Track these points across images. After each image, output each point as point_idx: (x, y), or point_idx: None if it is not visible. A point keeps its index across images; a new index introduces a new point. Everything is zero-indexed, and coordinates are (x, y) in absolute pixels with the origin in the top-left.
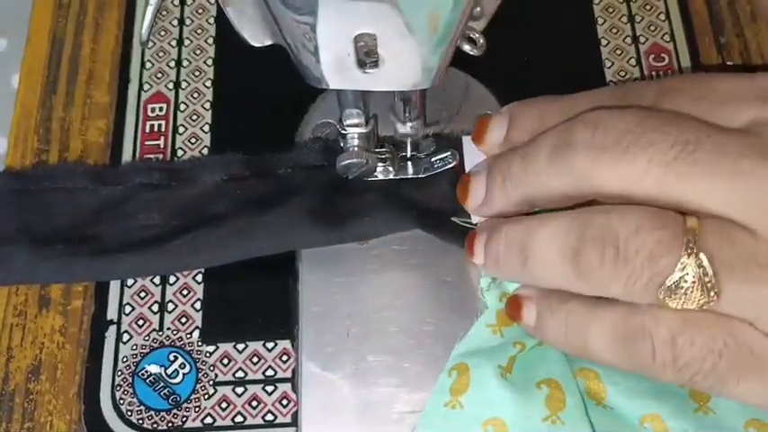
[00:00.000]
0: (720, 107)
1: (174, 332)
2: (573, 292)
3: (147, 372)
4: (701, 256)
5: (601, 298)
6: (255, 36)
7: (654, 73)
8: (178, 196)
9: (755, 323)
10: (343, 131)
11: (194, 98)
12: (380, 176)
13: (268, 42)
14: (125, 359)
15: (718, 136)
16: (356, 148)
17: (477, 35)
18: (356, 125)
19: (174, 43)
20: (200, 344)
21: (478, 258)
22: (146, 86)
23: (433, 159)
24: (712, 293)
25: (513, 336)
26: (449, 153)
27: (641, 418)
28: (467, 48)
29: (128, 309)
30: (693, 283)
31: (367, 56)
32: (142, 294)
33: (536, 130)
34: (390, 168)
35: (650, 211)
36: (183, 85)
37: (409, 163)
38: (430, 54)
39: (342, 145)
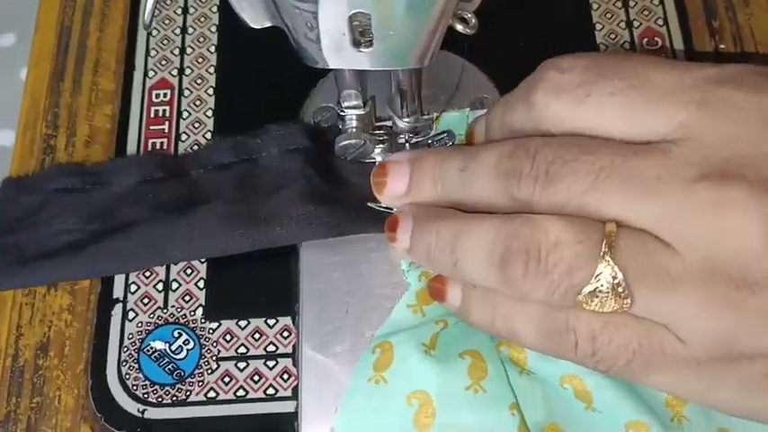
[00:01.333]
0: (655, 105)
1: (179, 310)
2: None
3: (152, 348)
4: (615, 268)
5: None
6: (255, 18)
7: None
8: (93, 200)
9: (669, 327)
10: (341, 113)
11: (198, 84)
12: (378, 158)
13: (267, 24)
14: (131, 336)
15: (633, 160)
16: (354, 130)
17: (468, 15)
18: (354, 107)
19: (177, 31)
20: (203, 321)
21: (402, 243)
22: (150, 73)
23: (429, 141)
24: (626, 301)
25: (435, 314)
26: (445, 134)
27: (561, 379)
28: (459, 27)
29: (133, 288)
30: (608, 291)
31: (362, 35)
32: (147, 274)
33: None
34: (388, 150)
35: (571, 222)
36: (187, 71)
37: (407, 145)
38: (422, 33)
39: (340, 126)
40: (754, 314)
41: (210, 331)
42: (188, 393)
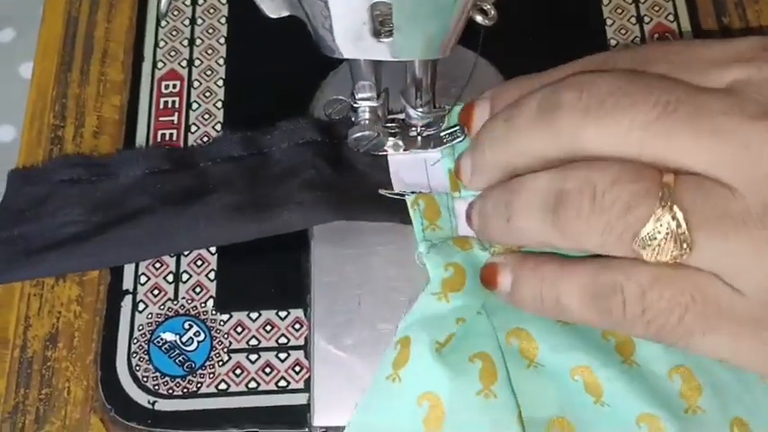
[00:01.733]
0: (703, 74)
1: (189, 301)
2: (547, 257)
3: (162, 339)
4: (675, 208)
5: (574, 259)
6: (273, 7)
7: None
8: (99, 191)
9: (724, 277)
10: (354, 105)
11: (207, 75)
12: (390, 151)
13: (285, 14)
14: (141, 327)
15: (699, 95)
16: (367, 122)
17: (488, 6)
18: (368, 98)
19: (186, 22)
20: (214, 313)
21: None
22: (159, 64)
23: (442, 134)
24: (685, 245)
25: (459, 303)
26: (457, 127)
27: (572, 370)
28: (479, 18)
29: (143, 279)
30: (667, 234)
31: (382, 25)
32: (157, 265)
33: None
34: (400, 143)
35: (629, 165)
36: (197, 62)
37: (419, 138)
38: (443, 24)
39: (353, 118)
40: None
41: (221, 323)
42: (199, 385)
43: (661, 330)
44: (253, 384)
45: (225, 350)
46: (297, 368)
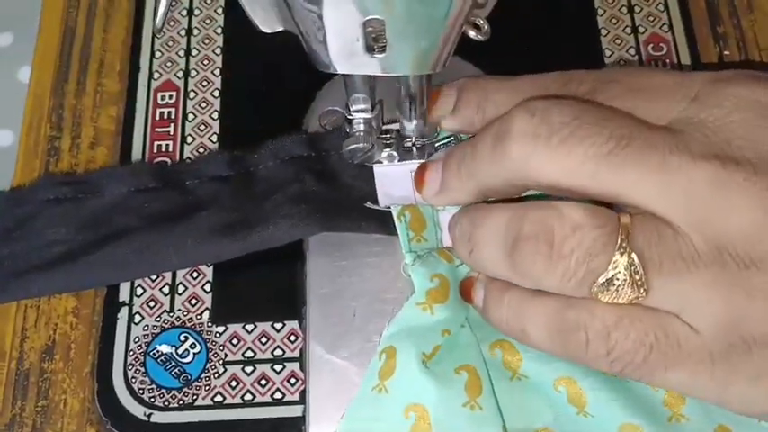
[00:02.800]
0: (653, 102)
1: (185, 313)
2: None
3: (158, 351)
4: (633, 255)
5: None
6: (267, 22)
7: (653, 62)
8: (85, 210)
9: (682, 315)
10: (349, 117)
11: (203, 86)
12: (385, 162)
13: (279, 28)
14: (137, 339)
15: (650, 132)
16: (361, 133)
17: (481, 21)
18: (362, 110)
19: (183, 33)
20: (209, 324)
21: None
22: (155, 75)
23: (436, 144)
24: (642, 289)
25: (444, 315)
26: (452, 138)
27: (555, 381)
28: (472, 33)
29: (139, 291)
30: (625, 279)
31: (375, 41)
32: (153, 277)
33: (480, 103)
34: (395, 154)
35: (588, 208)
36: (192, 73)
37: (414, 148)
38: (435, 39)
39: (348, 130)
40: (761, 293)
41: (217, 335)
42: (195, 397)
43: (626, 368)
44: (248, 396)
45: (220, 362)
46: (292, 380)
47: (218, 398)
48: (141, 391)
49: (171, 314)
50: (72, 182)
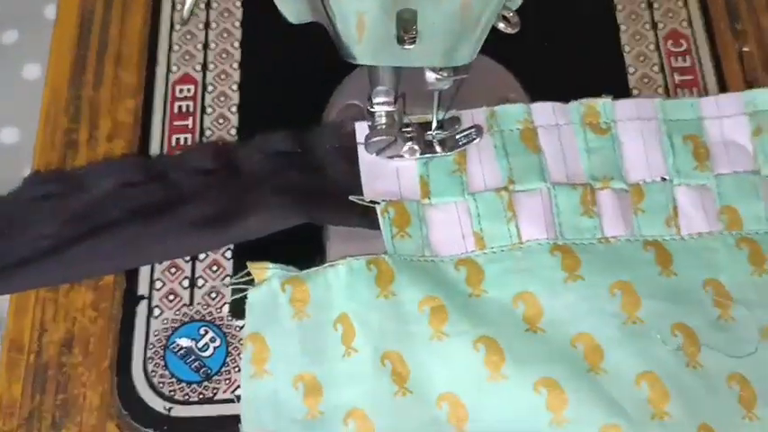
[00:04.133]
0: None
1: (205, 307)
2: None
3: (178, 345)
4: None
5: None
6: (296, 13)
7: (673, 57)
8: (72, 205)
9: None
10: (371, 109)
11: (222, 80)
12: (407, 156)
13: (308, 20)
14: (156, 333)
15: None
16: (384, 126)
17: (511, 14)
18: (385, 103)
19: (201, 26)
20: (230, 318)
21: None
22: (174, 68)
23: (457, 137)
24: None
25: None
26: (472, 129)
27: (535, 383)
28: (501, 26)
29: (158, 284)
30: None
31: (405, 32)
32: (172, 270)
33: None
34: (416, 147)
35: None
36: (211, 67)
37: (435, 142)
38: (467, 31)
39: (369, 123)
40: None
41: (237, 329)
42: (215, 391)
43: None
44: None
45: (240, 356)
46: None
47: (239, 392)
48: (161, 385)
49: (190, 308)
50: (59, 179)
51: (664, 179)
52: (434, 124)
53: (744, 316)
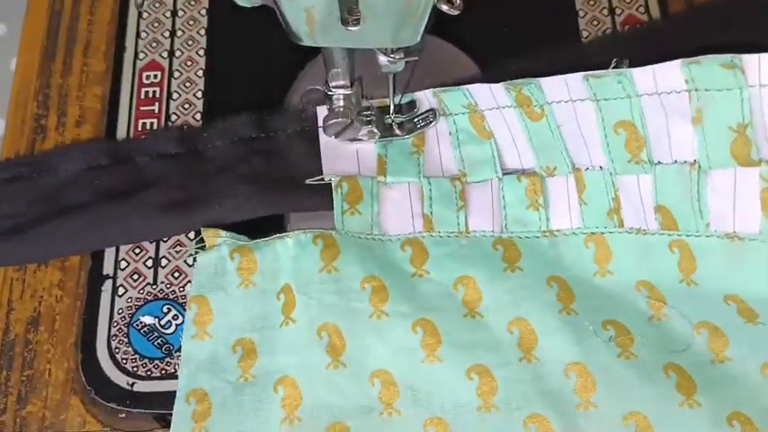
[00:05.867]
0: None
1: (168, 286)
2: None
3: (141, 323)
4: None
5: None
6: None
7: None
8: (38, 187)
9: None
10: (329, 92)
11: (188, 66)
12: (365, 139)
13: (257, 3)
14: (120, 311)
15: None
16: (341, 109)
17: None
18: (341, 86)
19: (168, 14)
20: None
21: None
22: (141, 55)
23: (415, 120)
24: None
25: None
26: (430, 112)
27: (468, 369)
28: (444, 8)
29: (123, 264)
30: None
31: (349, 14)
32: (137, 251)
33: None
34: (375, 130)
35: None
36: (177, 53)
37: (393, 125)
38: (408, 13)
39: (328, 106)
40: None
41: None
42: (177, 367)
43: None
44: None
45: None
46: None
47: None
48: (125, 361)
49: (154, 286)
50: (26, 162)
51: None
52: (392, 108)
53: (676, 315)
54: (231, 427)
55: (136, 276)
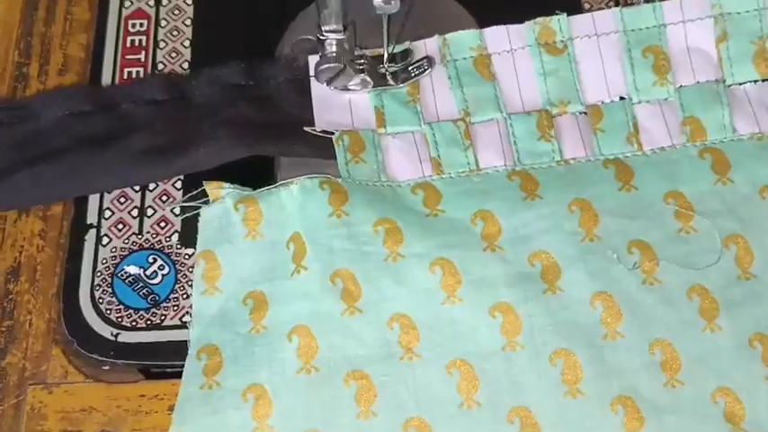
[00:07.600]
0: None
1: (154, 236)
2: None
3: (126, 273)
4: None
5: None
6: None
7: None
8: (20, 133)
9: None
10: (321, 37)
11: (175, 15)
12: (359, 88)
13: None
14: (104, 261)
15: None
16: (334, 54)
17: None
18: (334, 31)
19: None
20: (179, 246)
21: None
22: (126, 3)
23: (410, 68)
24: None
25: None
26: (424, 60)
27: (491, 308)
28: None
29: (107, 213)
30: None
31: None
32: (122, 200)
33: None
34: (368, 79)
35: None
36: (164, 2)
37: (387, 74)
38: None
39: (320, 52)
40: None
41: (187, 257)
42: (162, 318)
43: None
44: None
45: (189, 283)
46: None
47: (187, 318)
48: (108, 312)
49: (140, 236)
50: (8, 107)
51: (623, 98)
52: (386, 56)
53: (706, 227)
54: (244, 378)
55: (121, 226)
